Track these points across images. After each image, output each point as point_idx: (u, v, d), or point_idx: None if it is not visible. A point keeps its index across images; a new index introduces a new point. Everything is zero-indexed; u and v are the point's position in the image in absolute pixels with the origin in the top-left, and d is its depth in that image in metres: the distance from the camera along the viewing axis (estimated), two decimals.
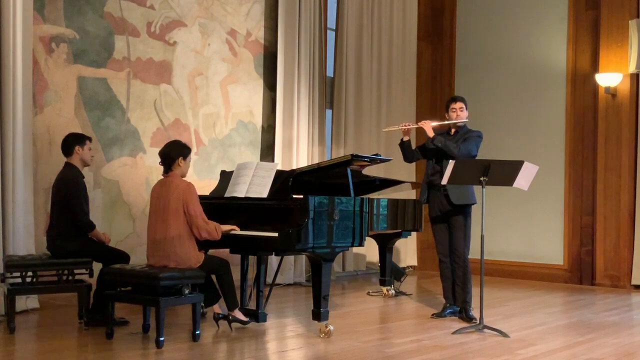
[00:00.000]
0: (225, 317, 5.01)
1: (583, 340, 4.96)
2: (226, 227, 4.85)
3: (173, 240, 4.64)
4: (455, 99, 5.76)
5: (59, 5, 6.22)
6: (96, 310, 5.06)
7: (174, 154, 4.78)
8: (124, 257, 5.16)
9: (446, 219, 5.67)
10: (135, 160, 6.73)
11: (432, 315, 5.78)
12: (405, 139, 5.79)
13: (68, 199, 5.08)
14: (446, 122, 5.75)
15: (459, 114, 5.67)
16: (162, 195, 4.74)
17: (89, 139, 5.34)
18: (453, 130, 5.74)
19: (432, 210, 5.76)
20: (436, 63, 9.71)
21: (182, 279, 4.54)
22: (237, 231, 4.90)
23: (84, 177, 5.23)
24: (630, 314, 6.18)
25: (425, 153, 5.79)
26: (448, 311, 5.74)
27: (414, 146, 6.01)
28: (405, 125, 5.71)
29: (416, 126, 5.77)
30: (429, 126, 5.65)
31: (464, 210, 5.60)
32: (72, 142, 5.22)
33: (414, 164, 9.09)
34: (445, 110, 5.81)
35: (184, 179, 4.82)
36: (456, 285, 5.67)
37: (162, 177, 4.86)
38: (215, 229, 4.73)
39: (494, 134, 8.66)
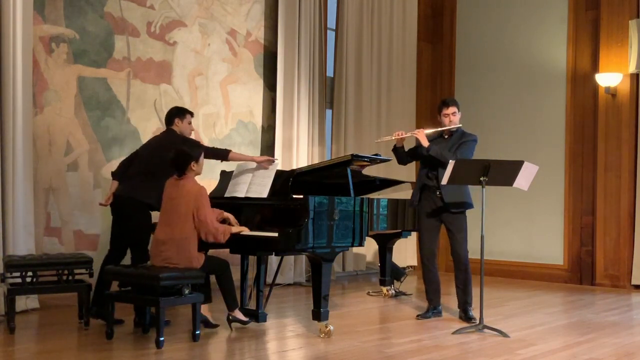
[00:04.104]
0: (206, 322, 4.91)
1: (583, 340, 4.96)
2: (235, 229, 4.81)
3: (177, 243, 4.64)
4: (447, 104, 5.62)
5: (59, 5, 6.22)
6: (96, 303, 5.09)
7: (186, 159, 4.74)
8: (146, 257, 5.16)
9: (440, 220, 5.62)
10: None
11: (417, 316, 5.75)
12: (399, 145, 5.69)
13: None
14: (440, 129, 5.62)
15: (452, 119, 5.57)
16: (172, 197, 4.75)
17: (191, 113, 5.45)
18: (447, 135, 5.63)
19: (423, 207, 5.64)
20: (436, 63, 9.71)
21: (182, 279, 4.54)
22: (246, 231, 4.85)
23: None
24: (630, 314, 6.18)
25: (419, 158, 5.74)
26: (432, 312, 5.73)
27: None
28: (398, 135, 5.58)
29: (410, 135, 5.58)
30: (423, 135, 5.50)
31: (462, 213, 5.57)
32: (173, 114, 5.38)
33: (414, 164, 9.12)
34: (438, 112, 5.70)
35: (197, 180, 4.82)
36: (457, 288, 5.65)
37: (176, 178, 4.84)
38: (223, 233, 4.68)
39: (494, 134, 8.67)
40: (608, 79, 7.85)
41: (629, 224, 7.81)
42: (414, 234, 8.81)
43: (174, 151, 4.82)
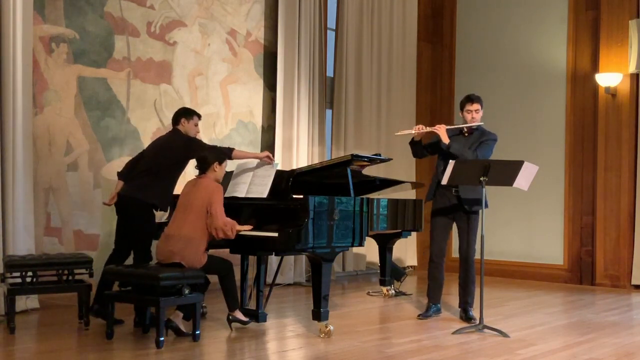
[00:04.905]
0: (173, 327, 4.78)
1: (583, 340, 4.96)
2: (241, 227, 4.81)
3: (184, 239, 4.65)
4: (472, 100, 5.51)
5: (59, 5, 6.22)
6: (97, 302, 5.09)
7: (210, 158, 4.86)
8: (148, 257, 5.17)
9: (452, 219, 5.58)
10: None
11: (418, 316, 5.76)
12: (417, 139, 5.61)
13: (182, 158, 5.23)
14: (461, 126, 5.55)
15: (475, 116, 5.48)
16: (189, 194, 4.81)
17: (198, 115, 5.47)
18: (467, 132, 5.55)
19: (437, 204, 5.60)
20: (436, 63, 9.72)
21: (182, 279, 4.54)
22: (250, 230, 4.86)
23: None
24: (630, 314, 6.19)
25: (438, 152, 5.63)
26: (432, 310, 5.73)
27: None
28: (419, 129, 5.50)
29: (430, 130, 5.50)
30: (444, 131, 5.42)
31: (475, 213, 5.50)
32: (180, 114, 5.40)
33: (414, 163, 9.13)
34: (460, 108, 5.60)
35: (216, 181, 4.87)
36: (459, 286, 5.65)
37: (197, 177, 4.90)
38: (232, 229, 4.71)
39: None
40: (608, 79, 7.85)
41: (629, 224, 7.81)
42: (414, 234, 8.86)
43: (200, 153, 4.94)
